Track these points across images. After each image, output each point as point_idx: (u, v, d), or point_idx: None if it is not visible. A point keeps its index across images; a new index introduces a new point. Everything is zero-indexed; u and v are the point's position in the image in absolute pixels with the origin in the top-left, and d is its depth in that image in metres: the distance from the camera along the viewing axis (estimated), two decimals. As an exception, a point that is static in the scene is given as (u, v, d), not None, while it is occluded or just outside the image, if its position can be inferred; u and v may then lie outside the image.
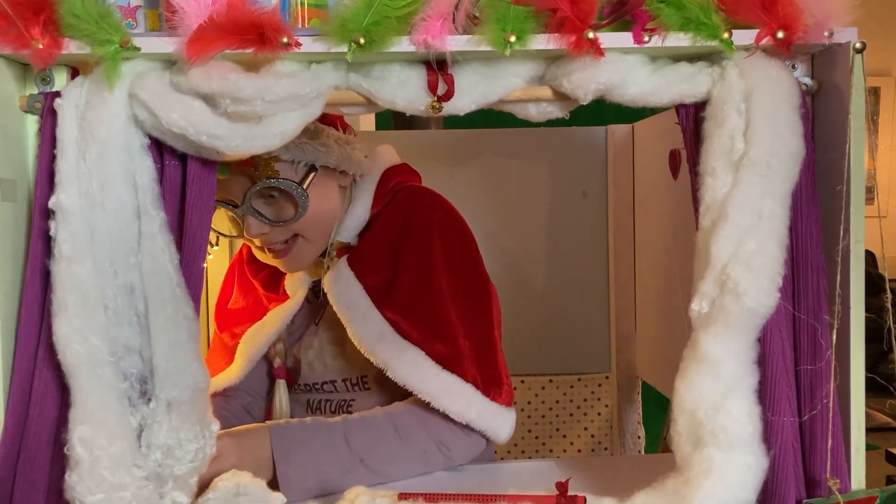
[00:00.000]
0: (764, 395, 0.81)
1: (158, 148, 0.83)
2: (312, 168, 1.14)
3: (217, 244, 1.61)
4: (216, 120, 0.80)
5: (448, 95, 0.84)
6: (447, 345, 1.11)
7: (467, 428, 1.09)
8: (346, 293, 1.14)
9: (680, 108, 0.87)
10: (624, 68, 0.84)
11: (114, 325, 0.80)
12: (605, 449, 1.79)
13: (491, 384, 1.12)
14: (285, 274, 1.26)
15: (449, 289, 1.14)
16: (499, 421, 1.11)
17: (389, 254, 1.16)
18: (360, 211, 1.21)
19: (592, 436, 1.79)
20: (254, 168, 1.09)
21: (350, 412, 1.17)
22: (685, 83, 0.85)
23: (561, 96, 0.87)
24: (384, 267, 1.16)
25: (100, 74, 0.79)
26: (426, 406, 1.08)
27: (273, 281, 1.29)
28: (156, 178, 0.83)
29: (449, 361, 1.10)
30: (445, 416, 1.08)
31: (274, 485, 0.99)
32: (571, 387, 1.78)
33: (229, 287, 1.38)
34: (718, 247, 0.80)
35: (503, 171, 1.76)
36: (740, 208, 0.79)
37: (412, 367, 1.09)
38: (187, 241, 0.84)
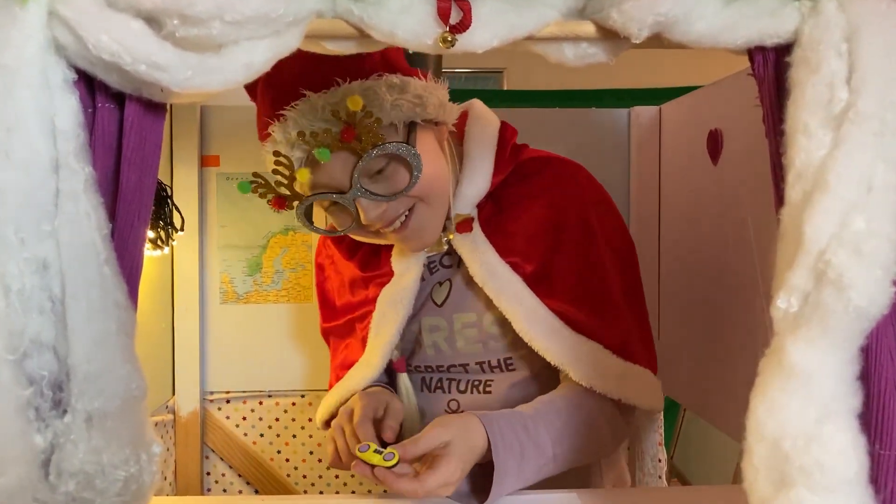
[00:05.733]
0: (869, 421, 0.62)
1: (88, 85, 0.65)
2: (413, 125, 1.02)
3: (182, 229, 1.43)
4: (159, 45, 0.61)
5: (464, 25, 0.65)
6: (621, 330, 1.07)
7: (629, 413, 1.09)
8: (507, 289, 1.06)
9: (756, 52, 0.69)
10: (689, -2, 0.66)
11: (18, 313, 0.60)
12: (621, 473, 1.60)
13: (654, 362, 1.11)
14: (386, 250, 1.15)
15: (613, 270, 1.09)
16: (661, 399, 1.11)
17: (543, 236, 1.08)
18: (481, 180, 1.10)
19: (607, 457, 1.60)
20: (356, 140, 0.96)
21: (488, 392, 1.11)
22: (766, 19, 0.67)
23: (607, 34, 0.68)
24: (539, 251, 1.08)
25: (9, -17, 0.60)
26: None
27: (373, 258, 1.18)
28: (82, 123, 0.64)
29: (626, 349, 1.06)
30: (615, 402, 1.06)
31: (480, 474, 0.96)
32: (584, 402, 1.59)
33: (325, 276, 1.26)
34: (815, 226, 0.61)
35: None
36: (845, 176, 0.61)
37: (593, 366, 1.03)
38: (122, 205, 0.65)
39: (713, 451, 2.46)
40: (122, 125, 0.65)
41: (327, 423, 1.18)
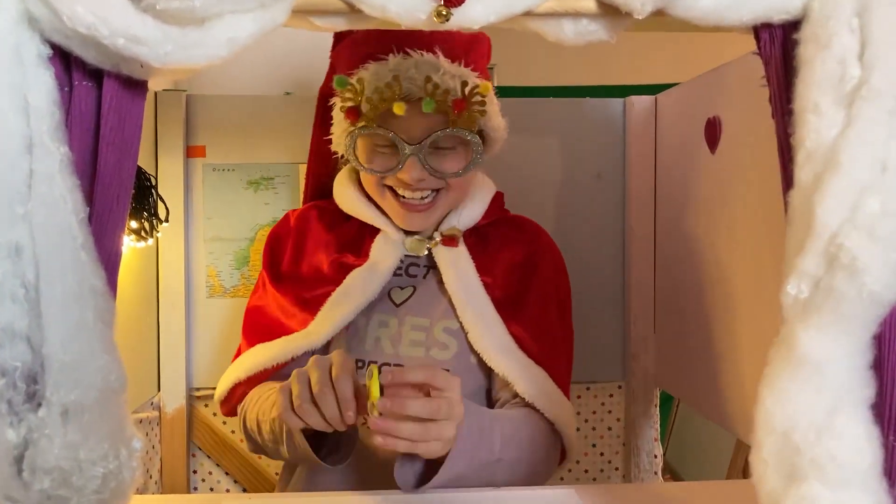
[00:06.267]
0: (882, 412, 0.60)
1: (64, 61, 0.62)
2: (483, 132, 1.13)
3: (167, 220, 1.39)
4: (139, 17, 0.58)
5: (459, -1, 0.63)
6: (560, 370, 1.15)
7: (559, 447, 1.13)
8: (475, 303, 1.13)
9: (762, 30, 0.66)
10: (694, -28, 0.63)
11: (-11, 300, 0.58)
12: (616, 469, 1.58)
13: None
14: (370, 237, 1.18)
15: (562, 329, 1.20)
16: (576, 444, 1.17)
17: (519, 273, 1.18)
18: (478, 210, 1.19)
19: (602, 454, 1.57)
20: (459, 113, 1.05)
21: None
22: (774, -6, 0.64)
23: (608, 9, 0.66)
24: (511, 283, 1.17)
25: (-21, -48, 0.57)
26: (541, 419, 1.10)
27: (354, 240, 1.20)
28: (57, 101, 0.61)
29: (564, 385, 1.14)
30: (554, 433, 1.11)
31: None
32: (579, 397, 1.57)
33: (281, 246, 1.23)
34: (826, 208, 0.58)
35: (505, 149, 1.54)
36: (858, 155, 0.58)
37: (539, 387, 1.09)
38: (100, 188, 0.62)
39: (706, 447, 2.44)
40: (101, 104, 0.62)
41: (232, 395, 1.16)
